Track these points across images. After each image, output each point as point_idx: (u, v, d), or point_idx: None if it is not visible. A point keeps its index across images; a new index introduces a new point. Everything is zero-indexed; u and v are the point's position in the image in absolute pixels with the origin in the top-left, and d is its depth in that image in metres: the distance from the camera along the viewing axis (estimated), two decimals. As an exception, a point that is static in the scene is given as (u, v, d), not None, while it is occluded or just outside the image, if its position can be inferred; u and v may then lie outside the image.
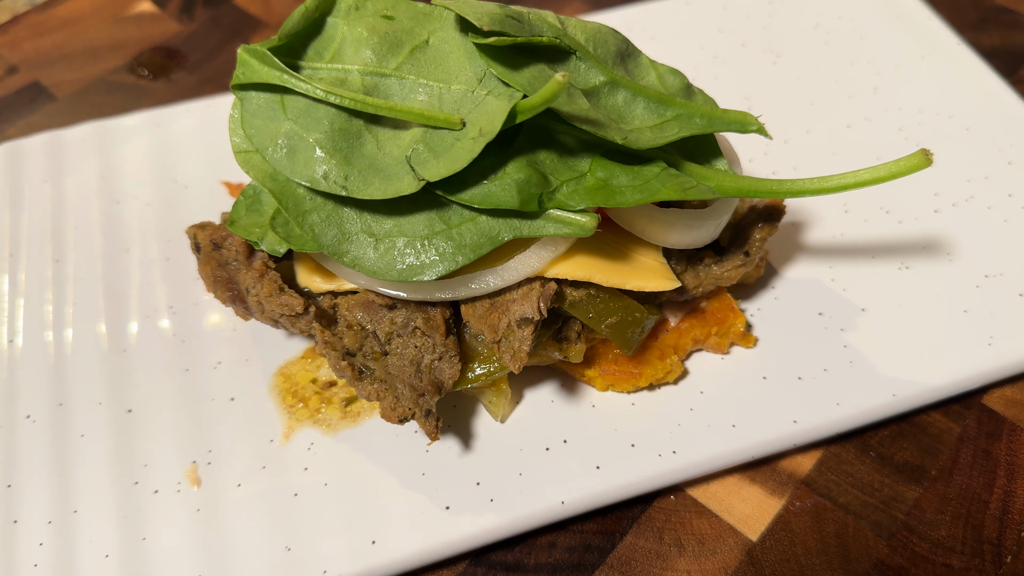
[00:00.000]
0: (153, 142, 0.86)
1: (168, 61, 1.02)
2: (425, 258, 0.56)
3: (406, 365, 0.61)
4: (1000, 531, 0.62)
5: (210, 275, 0.65)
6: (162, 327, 0.72)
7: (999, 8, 1.04)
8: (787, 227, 0.78)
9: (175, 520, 0.61)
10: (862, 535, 0.62)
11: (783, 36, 0.96)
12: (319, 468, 0.64)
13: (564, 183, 0.57)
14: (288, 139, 0.56)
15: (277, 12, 1.09)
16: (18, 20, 1.07)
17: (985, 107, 0.86)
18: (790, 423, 0.64)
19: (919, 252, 0.76)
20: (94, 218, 0.80)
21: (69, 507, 0.62)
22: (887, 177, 0.58)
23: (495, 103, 0.55)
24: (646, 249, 0.64)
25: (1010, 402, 0.69)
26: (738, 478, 0.65)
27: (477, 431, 0.66)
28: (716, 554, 0.61)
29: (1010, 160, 0.82)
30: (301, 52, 0.58)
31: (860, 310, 0.72)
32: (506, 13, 0.57)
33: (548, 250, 0.60)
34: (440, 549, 0.60)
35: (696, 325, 0.68)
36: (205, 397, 0.68)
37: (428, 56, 0.59)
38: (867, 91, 0.90)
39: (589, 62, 0.59)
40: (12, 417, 0.67)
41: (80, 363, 0.70)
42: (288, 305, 0.62)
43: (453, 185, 0.55)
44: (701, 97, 0.63)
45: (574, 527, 0.63)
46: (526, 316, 0.58)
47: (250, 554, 0.60)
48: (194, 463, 0.64)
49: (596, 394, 0.68)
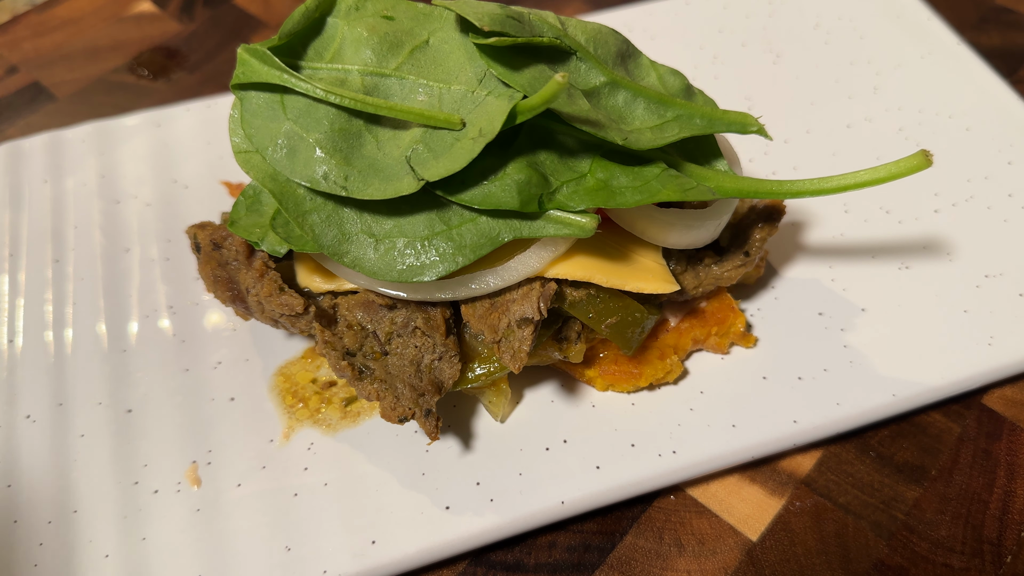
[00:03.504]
0: (153, 142, 0.86)
1: (168, 61, 1.02)
2: (425, 258, 0.56)
3: (406, 365, 0.61)
4: (1000, 531, 0.62)
5: (210, 275, 0.65)
6: (162, 327, 0.73)
7: (999, 8, 1.04)
8: (787, 227, 0.78)
9: (175, 520, 0.61)
10: (862, 535, 0.62)
11: (783, 36, 0.96)
12: (319, 468, 0.64)
13: (564, 184, 0.57)
14: (288, 139, 0.56)
15: (277, 12, 1.09)
16: (18, 20, 1.07)
17: (985, 107, 0.86)
18: (790, 423, 0.64)
19: (919, 252, 0.76)
20: (94, 218, 0.80)
21: (69, 507, 0.62)
22: (887, 178, 0.58)
23: (495, 103, 0.55)
24: (646, 250, 0.64)
25: (1010, 402, 0.69)
26: (738, 478, 0.65)
27: (477, 431, 0.66)
28: (716, 554, 0.61)
29: (1010, 160, 0.82)
30: (301, 52, 0.58)
31: (860, 310, 0.72)
32: (506, 13, 0.57)
33: (548, 250, 0.60)
34: (440, 549, 0.60)
35: (696, 325, 0.68)
36: (205, 397, 0.68)
37: (428, 56, 0.59)
38: (867, 91, 0.90)
39: (589, 63, 0.59)
40: (12, 417, 0.67)
41: (80, 363, 0.70)
42: (288, 305, 0.62)
43: (453, 185, 0.55)
44: (701, 98, 0.63)
45: (574, 527, 0.63)
46: (526, 316, 0.58)
47: (250, 554, 0.60)
48: (194, 463, 0.64)
49: (596, 394, 0.68)
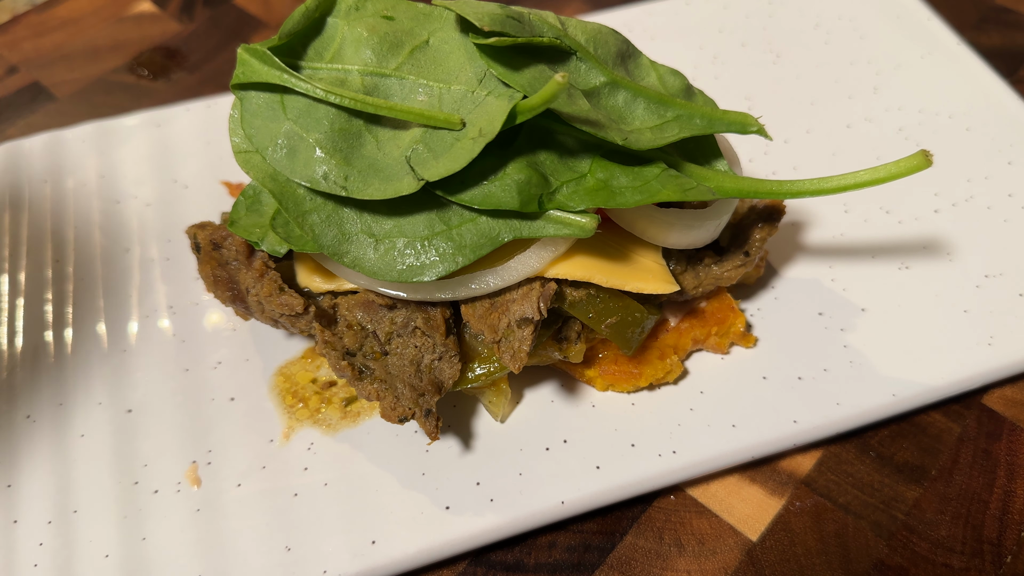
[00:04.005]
0: (153, 142, 0.86)
1: (168, 61, 1.02)
2: (425, 259, 0.56)
3: (406, 365, 0.61)
4: (1000, 531, 0.62)
5: (210, 275, 0.65)
6: (162, 327, 0.73)
7: (999, 8, 1.04)
8: (787, 227, 0.78)
9: (175, 520, 0.61)
10: (862, 535, 0.62)
11: (783, 36, 0.96)
12: (319, 468, 0.64)
13: (564, 184, 0.57)
14: (288, 139, 0.56)
15: (277, 12, 1.09)
16: (18, 20, 1.07)
17: (985, 107, 0.86)
18: (790, 423, 0.64)
19: (919, 252, 0.76)
20: (94, 218, 0.80)
21: (69, 507, 0.62)
22: (887, 178, 0.58)
23: (495, 103, 0.55)
24: (646, 250, 0.64)
25: (1010, 402, 0.69)
26: (738, 478, 0.65)
27: (477, 431, 0.66)
28: (716, 554, 0.61)
29: (1010, 160, 0.82)
30: (301, 52, 0.58)
31: (860, 310, 0.72)
32: (507, 13, 0.57)
33: (548, 250, 0.60)
34: (440, 549, 0.60)
35: (696, 325, 0.68)
36: (205, 397, 0.68)
37: (428, 56, 0.59)
38: (867, 91, 0.90)
39: (589, 63, 0.59)
40: (12, 417, 0.67)
41: (80, 363, 0.70)
42: (288, 305, 0.62)
43: (453, 185, 0.55)
44: (701, 98, 0.63)
45: (574, 527, 0.63)
46: (526, 316, 0.58)
47: (250, 554, 0.60)
48: (194, 463, 0.64)
49: (596, 394, 0.68)
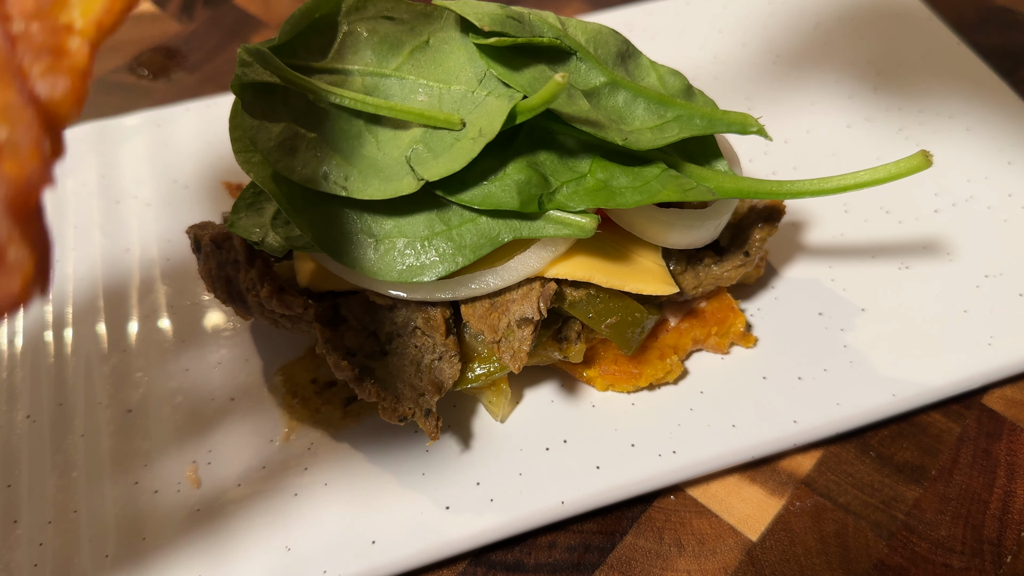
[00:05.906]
0: (153, 142, 0.86)
1: (168, 61, 1.02)
2: (425, 259, 0.56)
3: (406, 365, 0.61)
4: (1000, 531, 0.62)
5: (210, 275, 0.65)
6: (162, 327, 0.72)
7: (999, 8, 1.04)
8: (787, 227, 0.78)
9: (175, 520, 0.61)
10: (862, 535, 0.62)
11: (783, 36, 0.96)
12: (319, 468, 0.64)
13: (564, 184, 0.57)
14: (288, 139, 0.56)
15: (277, 12, 1.09)
16: (18, 20, 1.07)
17: (985, 107, 0.86)
18: (790, 423, 0.64)
19: (919, 252, 0.76)
20: (94, 218, 0.80)
21: (69, 507, 0.62)
22: (887, 178, 0.58)
23: (495, 103, 0.55)
24: (646, 250, 0.64)
25: (1010, 402, 0.69)
26: (738, 478, 0.65)
27: (477, 431, 0.66)
28: (716, 554, 0.61)
29: (1010, 160, 0.82)
30: (301, 52, 0.58)
31: (860, 310, 0.72)
32: (507, 14, 0.57)
33: (548, 250, 0.60)
34: (440, 549, 0.60)
35: (696, 325, 0.68)
36: (205, 397, 0.68)
37: (428, 56, 0.59)
38: (867, 91, 0.90)
39: (589, 63, 0.59)
40: (12, 417, 0.67)
41: (80, 363, 0.70)
42: (288, 305, 0.62)
43: (453, 186, 0.55)
44: (701, 98, 0.63)
45: (574, 527, 0.63)
46: (526, 316, 0.58)
47: (250, 554, 0.60)
48: (194, 463, 0.64)
49: (596, 394, 0.68)
